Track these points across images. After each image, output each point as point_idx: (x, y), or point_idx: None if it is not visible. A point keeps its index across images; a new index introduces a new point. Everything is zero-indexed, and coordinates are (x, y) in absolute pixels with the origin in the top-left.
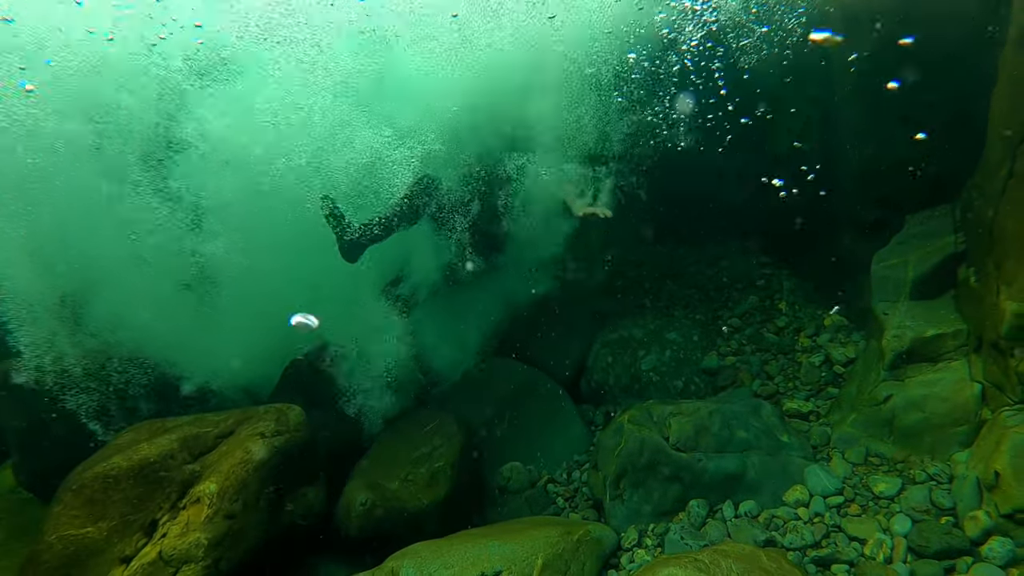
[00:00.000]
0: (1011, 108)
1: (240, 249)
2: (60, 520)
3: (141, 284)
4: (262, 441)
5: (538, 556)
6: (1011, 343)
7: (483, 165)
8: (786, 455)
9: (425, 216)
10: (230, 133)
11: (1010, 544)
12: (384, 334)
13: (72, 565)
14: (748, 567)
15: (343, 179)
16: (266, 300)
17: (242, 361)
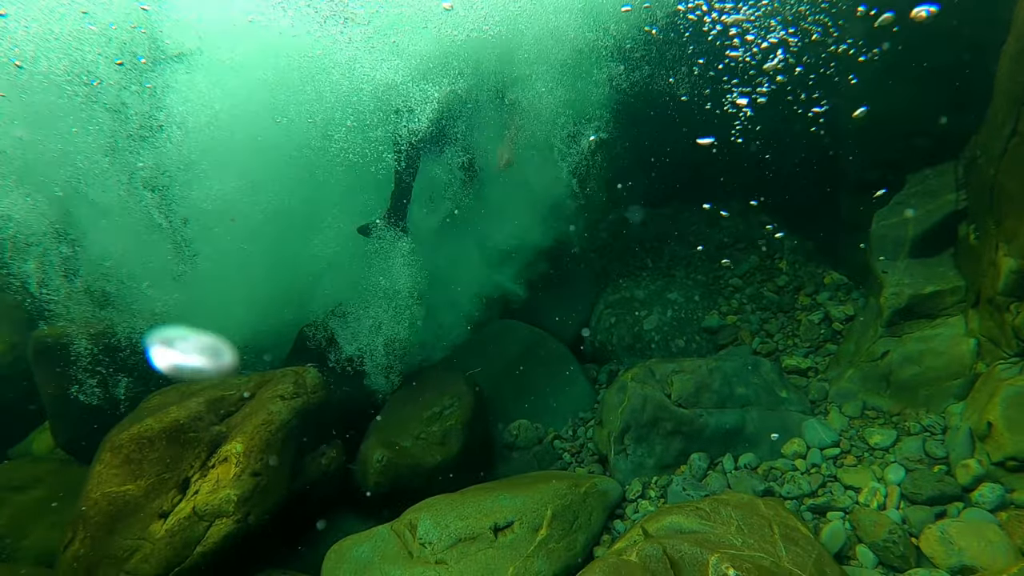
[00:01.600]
0: (1018, 66)
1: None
2: (102, 478)
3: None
4: (282, 403)
5: (547, 507)
6: (1008, 298)
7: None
8: (785, 410)
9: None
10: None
11: (1000, 490)
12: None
13: (116, 519)
14: (747, 514)
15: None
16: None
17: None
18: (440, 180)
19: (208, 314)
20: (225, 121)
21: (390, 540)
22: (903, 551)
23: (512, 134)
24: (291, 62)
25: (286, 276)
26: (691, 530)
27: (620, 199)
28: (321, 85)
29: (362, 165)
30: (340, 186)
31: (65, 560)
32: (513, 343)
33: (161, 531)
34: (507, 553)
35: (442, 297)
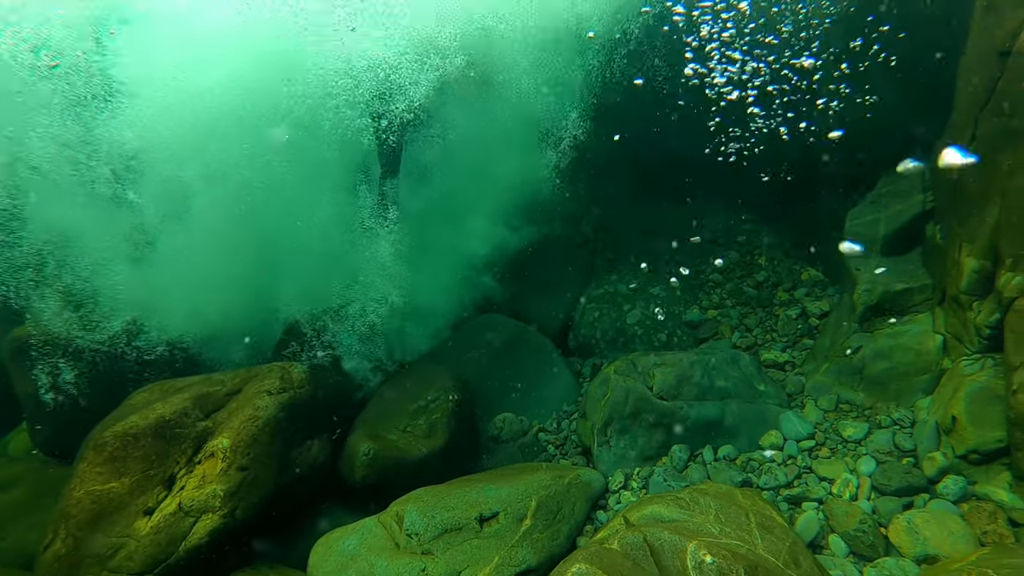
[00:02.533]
0: (976, 77)
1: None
2: (86, 476)
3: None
4: (269, 398)
5: (532, 498)
6: (970, 297)
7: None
8: (762, 403)
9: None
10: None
11: (962, 482)
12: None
13: (100, 517)
14: (725, 503)
15: None
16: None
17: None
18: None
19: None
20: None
21: (377, 532)
22: (872, 540)
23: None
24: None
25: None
26: (671, 519)
27: (603, 195)
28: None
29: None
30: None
31: (45, 560)
32: (497, 336)
33: (146, 528)
34: (492, 543)
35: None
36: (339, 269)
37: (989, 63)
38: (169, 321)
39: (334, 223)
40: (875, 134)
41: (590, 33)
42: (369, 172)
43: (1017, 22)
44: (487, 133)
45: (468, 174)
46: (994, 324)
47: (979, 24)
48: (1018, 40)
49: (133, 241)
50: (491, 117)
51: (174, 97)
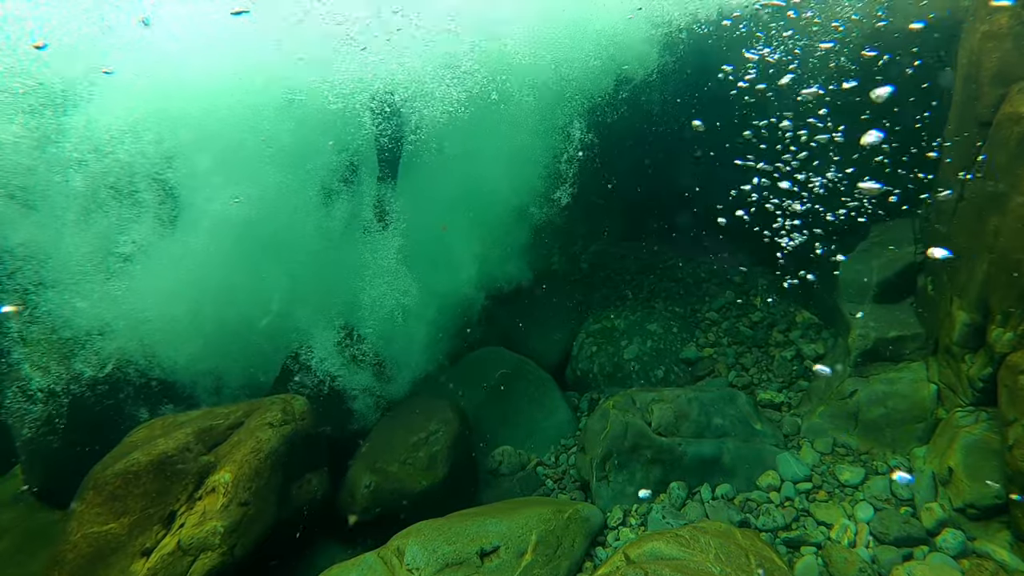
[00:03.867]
0: (959, 148)
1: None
2: (83, 518)
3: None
4: (271, 430)
5: (532, 533)
6: (962, 349)
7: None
8: (760, 442)
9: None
10: None
11: (961, 536)
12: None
13: (96, 561)
14: (725, 542)
15: None
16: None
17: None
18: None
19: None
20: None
21: (377, 567)
22: None
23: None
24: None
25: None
26: (671, 556)
27: (600, 234)
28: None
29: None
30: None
31: None
32: (496, 369)
33: (143, 571)
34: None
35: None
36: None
37: (971, 131)
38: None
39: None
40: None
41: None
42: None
43: (996, 97)
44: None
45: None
46: (986, 378)
47: (961, 95)
48: (998, 113)
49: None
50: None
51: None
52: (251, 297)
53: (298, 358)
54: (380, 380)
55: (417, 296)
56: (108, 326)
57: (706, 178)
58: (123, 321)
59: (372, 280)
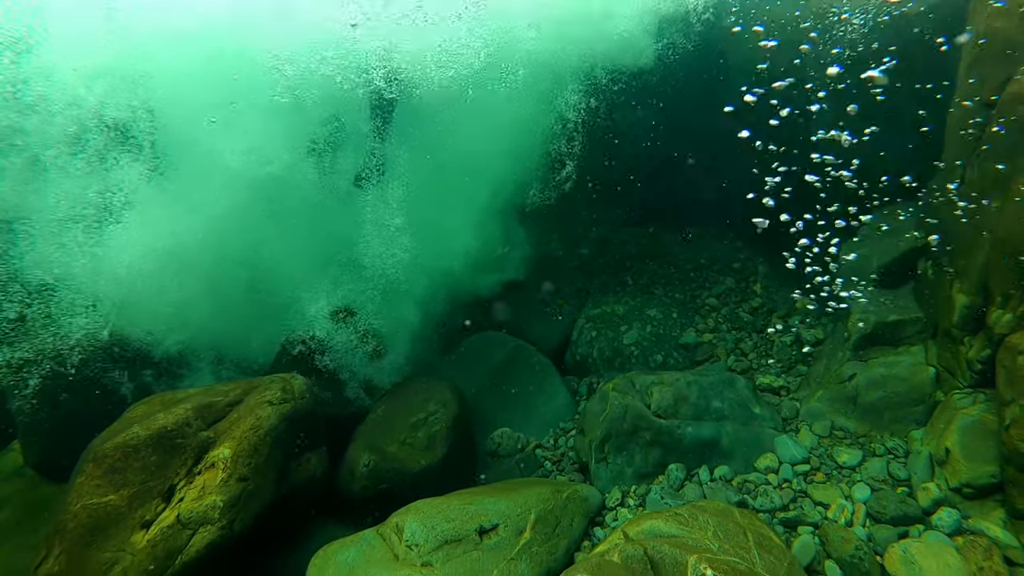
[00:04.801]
0: (963, 124)
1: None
2: (83, 490)
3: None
4: (271, 408)
5: (531, 512)
6: (961, 332)
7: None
8: (758, 425)
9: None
10: None
11: (956, 515)
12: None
13: (96, 531)
14: (723, 521)
15: None
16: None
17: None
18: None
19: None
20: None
21: (376, 544)
22: (868, 568)
23: None
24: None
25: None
26: (670, 534)
27: (601, 220)
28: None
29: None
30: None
31: None
32: (496, 353)
33: (143, 542)
34: (492, 556)
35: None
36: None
37: (976, 112)
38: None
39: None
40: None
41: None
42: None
43: (1001, 78)
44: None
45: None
46: (985, 359)
47: (966, 77)
48: (1003, 93)
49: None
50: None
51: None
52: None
53: (297, 338)
54: (375, 360)
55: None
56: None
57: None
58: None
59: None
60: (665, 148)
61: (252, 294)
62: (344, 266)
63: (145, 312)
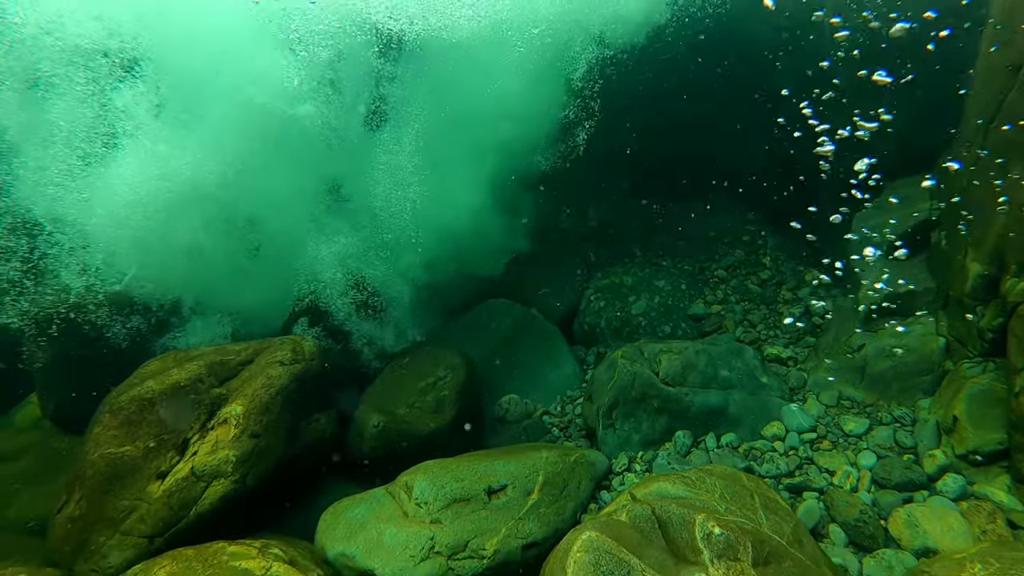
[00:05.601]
0: (985, 88)
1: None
2: (100, 440)
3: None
4: (282, 368)
5: (539, 473)
6: (974, 301)
7: None
8: (765, 394)
9: None
10: None
11: (962, 481)
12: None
13: (114, 480)
14: (730, 484)
15: None
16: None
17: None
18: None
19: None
20: None
21: (385, 501)
22: (872, 531)
23: None
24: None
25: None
26: (677, 496)
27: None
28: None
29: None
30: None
31: (59, 522)
32: (505, 321)
33: (159, 492)
34: (500, 515)
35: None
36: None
37: (1000, 77)
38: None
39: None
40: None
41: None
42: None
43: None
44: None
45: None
46: (997, 328)
47: (990, 40)
48: None
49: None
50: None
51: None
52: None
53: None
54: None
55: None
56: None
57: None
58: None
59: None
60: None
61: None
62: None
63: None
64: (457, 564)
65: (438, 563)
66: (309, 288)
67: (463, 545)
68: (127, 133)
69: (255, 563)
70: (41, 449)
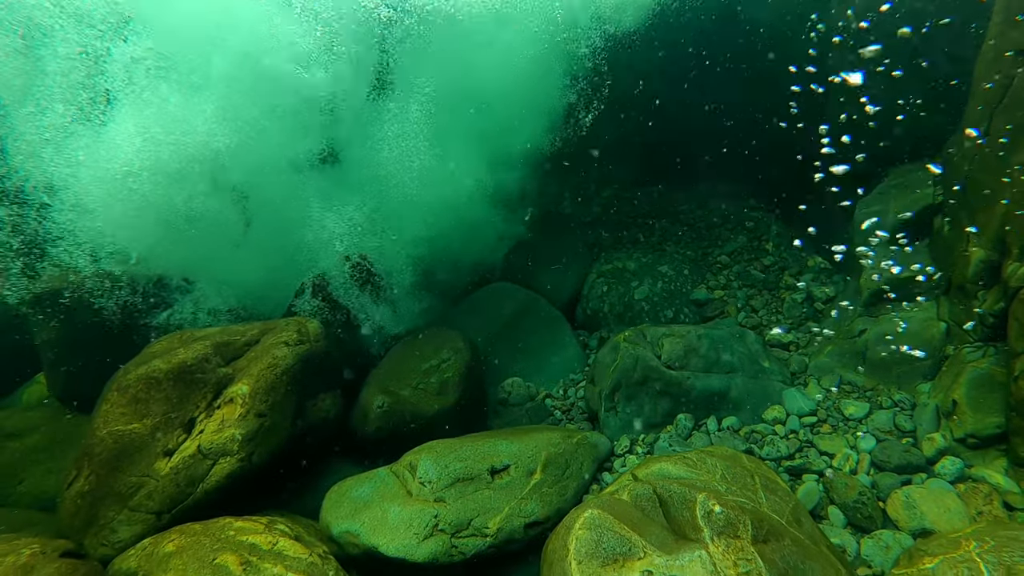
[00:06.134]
0: (990, 73)
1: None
2: (108, 417)
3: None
4: (287, 348)
5: (542, 454)
6: (975, 286)
7: None
8: (767, 378)
9: None
10: None
11: (960, 463)
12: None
13: (122, 456)
14: (731, 465)
15: None
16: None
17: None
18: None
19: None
20: None
21: (389, 480)
22: (871, 512)
23: None
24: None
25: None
26: (679, 476)
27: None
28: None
29: None
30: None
31: (69, 496)
32: (508, 304)
33: (166, 469)
34: (503, 494)
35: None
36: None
37: (1006, 61)
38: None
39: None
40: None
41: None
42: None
43: None
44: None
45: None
46: (998, 313)
47: (997, 23)
48: None
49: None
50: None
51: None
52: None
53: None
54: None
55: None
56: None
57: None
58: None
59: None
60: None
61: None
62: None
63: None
64: (460, 542)
65: (442, 540)
66: (312, 264)
67: (466, 523)
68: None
69: (261, 538)
70: (49, 427)
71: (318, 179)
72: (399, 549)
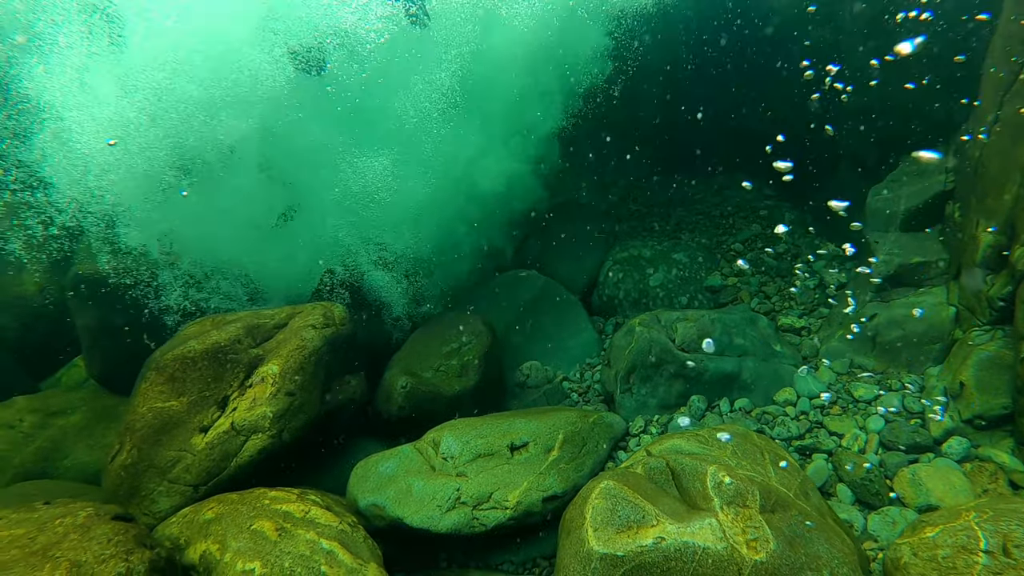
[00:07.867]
0: (1003, 59)
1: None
2: (148, 395)
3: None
4: (314, 331)
5: (559, 432)
6: (984, 270)
7: None
8: (778, 362)
9: None
10: None
11: (966, 443)
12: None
13: (161, 432)
14: (742, 441)
15: None
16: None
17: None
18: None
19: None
20: None
21: (413, 456)
22: (878, 489)
23: None
24: None
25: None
26: (691, 451)
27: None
28: None
29: None
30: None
31: (113, 468)
32: (526, 290)
33: (202, 444)
34: (522, 469)
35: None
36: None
37: (1017, 49)
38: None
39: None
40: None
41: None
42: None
43: None
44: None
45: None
46: (1006, 296)
47: (1008, 12)
48: None
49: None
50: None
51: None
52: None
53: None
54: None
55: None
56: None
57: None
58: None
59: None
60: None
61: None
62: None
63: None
64: (481, 514)
65: (463, 512)
66: (336, 253)
67: (487, 496)
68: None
69: (294, 507)
70: (89, 406)
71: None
72: (423, 520)
